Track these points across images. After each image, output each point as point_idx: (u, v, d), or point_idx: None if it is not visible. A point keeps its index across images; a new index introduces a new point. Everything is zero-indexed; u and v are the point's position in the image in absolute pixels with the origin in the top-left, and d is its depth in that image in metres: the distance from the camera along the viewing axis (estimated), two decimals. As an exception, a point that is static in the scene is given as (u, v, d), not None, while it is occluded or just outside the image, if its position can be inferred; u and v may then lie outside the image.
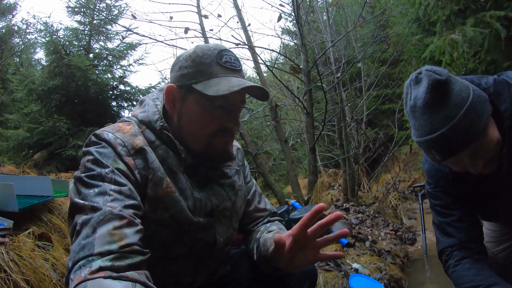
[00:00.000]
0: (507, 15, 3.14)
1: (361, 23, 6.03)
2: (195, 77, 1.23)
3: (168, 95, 1.27)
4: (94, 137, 1.17)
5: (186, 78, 1.24)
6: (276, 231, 1.45)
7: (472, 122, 1.25)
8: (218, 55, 1.24)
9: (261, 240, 1.40)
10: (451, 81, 1.27)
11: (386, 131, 8.57)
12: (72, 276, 0.89)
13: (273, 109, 5.74)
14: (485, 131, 1.27)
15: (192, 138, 1.27)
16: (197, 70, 1.23)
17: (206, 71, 1.23)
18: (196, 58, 1.24)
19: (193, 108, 1.24)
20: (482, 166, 1.34)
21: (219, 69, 1.23)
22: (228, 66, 1.25)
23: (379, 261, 3.60)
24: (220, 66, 1.24)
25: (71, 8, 8.01)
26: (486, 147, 1.30)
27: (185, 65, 1.25)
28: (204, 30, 6.14)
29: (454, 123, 1.23)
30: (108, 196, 1.03)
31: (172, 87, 1.26)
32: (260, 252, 1.37)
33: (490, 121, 1.31)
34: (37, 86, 7.09)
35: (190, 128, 1.26)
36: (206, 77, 1.22)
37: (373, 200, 6.62)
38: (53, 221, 2.55)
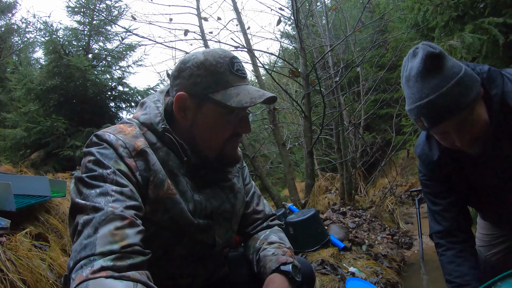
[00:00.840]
0: (506, 21, 3.15)
1: (360, 28, 6.05)
2: (211, 87, 1.23)
3: (179, 103, 1.25)
4: (95, 138, 1.17)
5: (200, 87, 1.23)
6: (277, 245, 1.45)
7: (460, 93, 1.31)
8: (230, 63, 1.25)
9: (261, 256, 1.41)
10: (445, 56, 1.34)
11: (383, 135, 8.59)
12: (74, 275, 0.89)
13: (271, 112, 5.75)
14: (472, 106, 1.33)
15: (207, 145, 1.28)
16: (213, 79, 1.23)
17: (222, 80, 1.23)
18: (210, 67, 1.23)
19: (210, 116, 1.25)
20: (468, 142, 1.39)
21: (234, 78, 1.25)
22: (240, 74, 1.26)
23: (376, 265, 3.61)
24: (233, 75, 1.25)
25: (71, 8, 8.00)
26: (473, 123, 1.35)
27: (197, 73, 1.23)
28: (203, 33, 6.17)
29: (443, 91, 1.30)
30: (110, 197, 1.03)
31: (184, 95, 1.24)
32: (260, 270, 1.38)
33: (479, 100, 1.37)
34: (35, 85, 7.07)
35: (205, 135, 1.27)
36: (223, 86, 1.23)
37: (370, 204, 6.63)
38: (50, 221, 2.54)
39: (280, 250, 1.41)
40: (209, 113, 1.25)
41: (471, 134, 1.37)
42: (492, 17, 3.24)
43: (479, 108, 1.36)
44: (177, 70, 1.28)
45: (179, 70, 1.27)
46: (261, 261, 1.39)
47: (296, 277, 1.31)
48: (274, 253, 1.39)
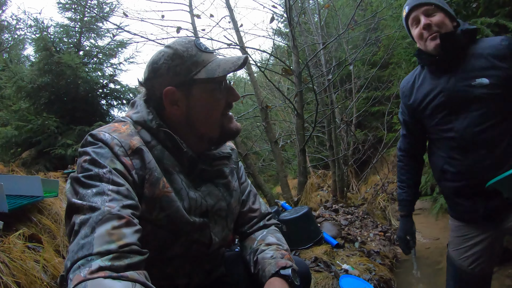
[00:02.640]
0: (498, 21, 3.17)
1: (352, 26, 6.06)
2: (192, 70, 1.26)
3: (169, 97, 1.26)
4: (91, 137, 1.17)
5: (183, 75, 1.26)
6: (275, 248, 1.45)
7: (442, 3, 1.85)
8: (197, 44, 1.30)
9: (259, 258, 1.42)
10: None
11: (375, 133, 8.64)
12: (71, 275, 0.89)
13: (264, 110, 5.75)
14: (441, 9, 1.84)
15: (207, 125, 1.32)
16: (191, 63, 1.27)
17: (198, 61, 1.27)
18: (184, 53, 1.27)
19: (202, 96, 1.28)
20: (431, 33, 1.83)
21: (207, 55, 1.30)
22: (209, 51, 1.32)
23: (369, 262, 3.64)
24: (205, 53, 1.30)
25: (62, 5, 7.89)
26: (438, 17, 1.82)
27: (174, 64, 1.26)
28: (196, 30, 6.14)
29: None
30: (106, 196, 1.03)
31: (171, 89, 1.25)
32: (259, 273, 1.39)
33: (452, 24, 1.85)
34: (26, 83, 6.99)
35: (203, 116, 1.30)
36: (201, 65, 1.27)
37: (362, 201, 6.67)
38: (43, 221, 2.53)
39: (278, 253, 1.41)
40: (200, 94, 1.28)
41: (434, 23, 1.81)
42: (484, 17, 3.26)
43: (447, 20, 1.83)
44: (152, 72, 1.29)
45: (153, 70, 1.29)
46: (259, 263, 1.40)
47: (295, 281, 1.32)
48: (273, 256, 1.39)
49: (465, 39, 1.80)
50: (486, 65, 1.73)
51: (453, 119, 1.84)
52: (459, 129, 1.81)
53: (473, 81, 1.74)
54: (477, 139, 1.76)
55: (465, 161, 1.83)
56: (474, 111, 1.76)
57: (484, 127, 1.74)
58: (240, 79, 12.05)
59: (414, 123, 2.11)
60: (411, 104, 2.05)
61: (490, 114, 1.73)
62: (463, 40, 1.80)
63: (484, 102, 1.73)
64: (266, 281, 1.31)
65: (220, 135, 1.34)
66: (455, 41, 1.80)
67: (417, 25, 1.89)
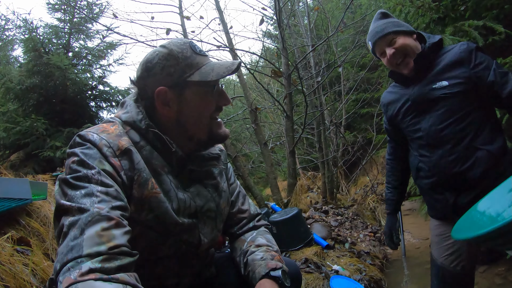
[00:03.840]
0: (485, 24, 3.21)
1: (341, 29, 6.10)
2: (186, 72, 1.27)
3: (161, 97, 1.27)
4: (79, 138, 1.17)
5: (177, 76, 1.27)
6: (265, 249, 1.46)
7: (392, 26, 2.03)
8: (192, 46, 1.31)
9: (249, 260, 1.43)
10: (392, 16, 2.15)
11: (364, 134, 8.67)
12: (61, 278, 0.88)
13: (253, 112, 5.76)
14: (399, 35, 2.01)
15: (197, 127, 1.32)
16: (185, 64, 1.27)
17: (193, 63, 1.28)
18: (178, 55, 1.27)
19: (193, 98, 1.29)
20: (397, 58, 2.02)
21: (201, 58, 1.31)
22: (203, 54, 1.33)
23: (359, 262, 3.67)
24: (199, 55, 1.31)
25: (51, 5, 7.80)
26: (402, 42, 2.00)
27: (168, 64, 1.26)
28: (185, 32, 6.14)
29: (381, 24, 2.07)
30: (95, 198, 1.03)
31: (163, 89, 1.26)
32: (249, 274, 1.40)
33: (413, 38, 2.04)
34: (14, 84, 6.91)
35: (193, 118, 1.31)
36: (196, 68, 1.28)
37: (351, 202, 6.71)
38: (32, 224, 2.52)
39: (268, 254, 1.42)
40: (191, 96, 1.29)
41: (398, 49, 1.99)
42: (472, 20, 3.30)
43: (407, 39, 2.01)
44: (145, 70, 1.29)
45: (146, 69, 1.29)
46: (250, 265, 1.40)
47: (285, 282, 1.33)
48: (263, 258, 1.40)
49: (432, 53, 2.01)
50: (446, 70, 1.93)
51: (420, 120, 2.04)
52: (425, 128, 2.01)
53: (434, 85, 1.95)
54: (441, 136, 1.94)
55: (433, 157, 2.01)
56: (437, 110, 1.95)
57: (447, 124, 1.92)
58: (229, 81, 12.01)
59: (394, 130, 2.30)
60: (389, 115, 2.26)
61: (451, 112, 1.91)
62: (431, 55, 2.00)
63: (445, 101, 1.92)
64: (256, 282, 1.32)
65: (208, 138, 1.35)
66: (425, 60, 2.00)
67: (384, 56, 2.09)
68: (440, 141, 1.96)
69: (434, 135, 1.97)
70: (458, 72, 1.89)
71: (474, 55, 1.89)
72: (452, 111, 1.91)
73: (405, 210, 4.62)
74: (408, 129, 2.13)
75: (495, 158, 1.86)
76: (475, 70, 1.87)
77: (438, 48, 2.02)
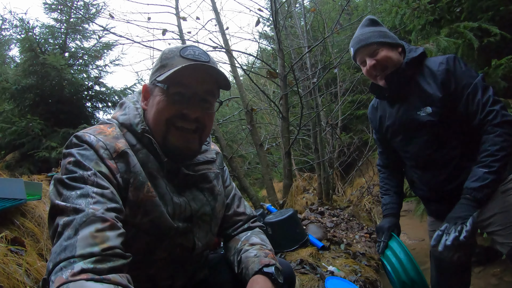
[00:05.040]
0: (481, 26, 3.23)
1: (338, 30, 6.11)
2: (159, 71, 1.29)
3: (144, 93, 1.34)
4: (75, 139, 1.17)
5: (154, 75, 1.30)
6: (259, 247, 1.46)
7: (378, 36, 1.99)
8: (182, 50, 1.29)
9: (243, 257, 1.43)
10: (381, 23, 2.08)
11: (360, 136, 8.70)
12: (53, 277, 0.89)
13: (249, 113, 5.76)
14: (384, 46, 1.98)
15: (153, 125, 1.28)
16: (162, 65, 1.30)
17: (168, 64, 1.28)
18: (162, 56, 1.31)
19: (155, 98, 1.27)
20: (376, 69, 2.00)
21: (181, 60, 1.26)
22: (190, 57, 1.27)
23: (354, 263, 3.67)
24: (182, 58, 1.27)
25: (48, 5, 7.81)
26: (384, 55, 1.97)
27: (155, 64, 1.32)
28: (182, 32, 6.13)
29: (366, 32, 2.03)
30: (91, 199, 1.03)
31: (145, 86, 1.33)
32: (242, 271, 1.40)
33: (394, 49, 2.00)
34: (10, 84, 6.91)
35: (152, 115, 1.28)
36: (168, 68, 1.26)
37: (347, 203, 6.71)
38: (26, 224, 2.51)
39: (262, 252, 1.43)
40: (156, 94, 1.28)
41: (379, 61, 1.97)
42: (467, 22, 3.32)
43: (390, 52, 1.98)
44: None
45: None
46: (243, 262, 1.41)
47: (278, 278, 1.33)
48: (256, 255, 1.40)
49: (410, 71, 1.99)
50: (429, 93, 1.93)
51: (407, 143, 2.09)
52: (413, 153, 2.08)
53: (419, 111, 1.96)
54: (429, 160, 2.02)
55: (424, 176, 2.10)
56: (423, 136, 1.99)
57: (433, 149, 1.98)
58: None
59: (384, 142, 2.33)
60: (377, 128, 2.31)
61: (437, 137, 1.96)
62: (408, 72, 1.99)
63: (431, 128, 1.95)
64: (249, 278, 1.32)
65: (164, 145, 1.28)
66: (399, 77, 1.99)
67: (365, 65, 2.06)
68: (428, 165, 2.04)
69: (422, 160, 2.05)
70: (441, 97, 1.90)
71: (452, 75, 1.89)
72: (438, 136, 1.96)
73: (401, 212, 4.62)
74: (399, 148, 2.20)
75: None
76: (455, 94, 1.89)
77: (418, 64, 2.01)
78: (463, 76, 1.88)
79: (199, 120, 1.29)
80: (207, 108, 1.32)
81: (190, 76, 1.25)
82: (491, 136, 1.79)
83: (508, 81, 3.16)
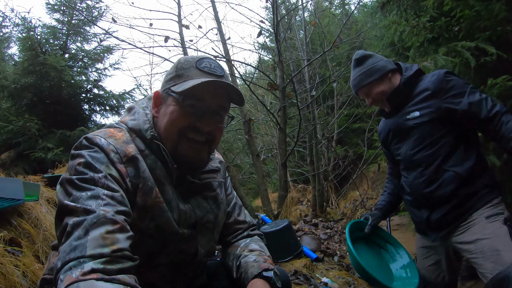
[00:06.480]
0: (478, 45, 3.27)
1: (337, 44, 6.18)
2: (174, 81, 1.30)
3: (155, 100, 1.34)
4: (86, 141, 1.18)
5: (168, 83, 1.31)
6: (258, 253, 1.48)
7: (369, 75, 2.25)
8: (198, 61, 1.31)
9: (242, 262, 1.44)
10: (368, 57, 2.31)
11: (355, 149, 8.74)
12: (62, 276, 0.89)
13: (247, 123, 5.79)
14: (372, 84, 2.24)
15: (164, 134, 1.29)
16: (177, 74, 1.31)
17: (184, 75, 1.29)
18: (178, 65, 1.32)
19: (168, 108, 1.28)
20: (375, 102, 2.31)
21: (197, 73, 1.28)
22: (206, 71, 1.29)
23: (348, 275, 3.68)
24: (198, 70, 1.29)
25: (51, 5, 7.81)
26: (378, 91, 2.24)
27: (169, 72, 1.34)
28: (183, 40, 6.18)
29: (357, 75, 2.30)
30: (101, 200, 1.03)
31: (157, 92, 1.34)
32: (241, 276, 1.41)
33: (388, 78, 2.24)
34: (9, 83, 6.86)
35: (164, 124, 1.29)
36: (184, 79, 1.28)
37: (341, 216, 6.73)
38: (23, 225, 2.49)
39: (261, 257, 1.44)
40: (169, 103, 1.29)
41: (375, 97, 2.27)
42: (465, 41, 3.36)
43: (381, 86, 2.24)
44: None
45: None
46: (242, 267, 1.42)
47: (277, 283, 1.35)
48: (256, 260, 1.42)
49: (408, 89, 2.21)
50: (419, 101, 2.14)
51: (400, 146, 2.29)
52: (402, 153, 2.27)
53: (408, 115, 2.17)
54: (413, 160, 2.18)
55: (409, 178, 2.25)
56: (410, 137, 2.19)
57: (418, 149, 2.15)
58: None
59: (389, 153, 2.52)
60: (382, 141, 2.50)
61: (422, 139, 2.13)
62: (406, 90, 2.21)
63: (417, 130, 2.14)
64: (248, 282, 1.33)
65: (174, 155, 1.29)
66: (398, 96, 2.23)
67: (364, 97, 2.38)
68: (413, 165, 2.20)
69: (408, 159, 2.22)
70: (429, 103, 2.09)
71: (445, 84, 2.06)
72: (423, 138, 2.13)
73: (393, 225, 4.64)
74: (394, 153, 2.40)
75: (463, 179, 2.01)
76: (446, 100, 2.04)
77: (416, 80, 2.21)
78: (456, 83, 2.05)
79: (210, 133, 1.31)
80: (219, 122, 1.34)
81: (206, 89, 1.27)
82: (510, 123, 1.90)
83: (503, 99, 3.20)
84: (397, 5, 4.51)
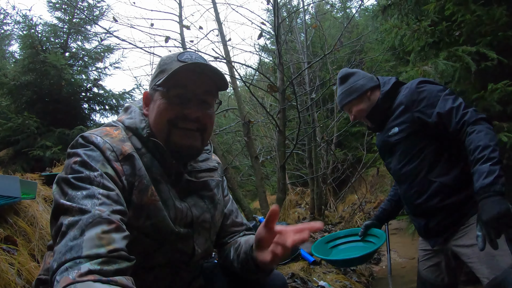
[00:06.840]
0: (478, 50, 3.28)
1: (338, 47, 6.17)
2: (159, 77, 1.30)
3: (144, 100, 1.37)
4: (82, 139, 1.17)
5: (153, 81, 1.33)
6: None
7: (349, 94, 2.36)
8: (179, 55, 1.32)
9: (242, 240, 1.46)
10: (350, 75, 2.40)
11: (354, 153, 8.75)
12: (58, 277, 0.88)
13: (246, 125, 5.78)
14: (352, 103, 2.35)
15: (155, 128, 1.30)
16: (161, 70, 1.32)
17: (167, 69, 1.30)
18: (161, 62, 1.34)
19: (156, 101, 1.30)
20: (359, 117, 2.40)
21: (178, 64, 1.28)
22: (187, 61, 1.29)
23: (345, 279, 3.69)
24: (179, 62, 1.29)
25: (52, 4, 7.81)
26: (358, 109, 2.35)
27: (154, 71, 1.36)
28: (184, 41, 6.17)
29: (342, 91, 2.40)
30: (97, 200, 1.02)
31: (145, 92, 1.36)
32: (241, 256, 1.39)
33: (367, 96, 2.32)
34: (9, 80, 6.86)
35: (153, 118, 1.30)
36: (166, 73, 1.28)
37: (339, 219, 6.73)
38: (19, 223, 2.48)
39: None
40: (156, 99, 1.30)
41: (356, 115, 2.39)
42: (466, 46, 3.37)
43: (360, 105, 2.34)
44: None
45: None
46: (242, 245, 1.42)
47: None
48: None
49: (386, 104, 2.28)
50: (397, 116, 2.21)
51: (390, 161, 2.35)
52: (392, 168, 2.34)
53: (389, 132, 2.24)
54: (401, 174, 2.25)
55: (401, 190, 2.34)
56: (396, 153, 2.26)
57: (403, 164, 2.22)
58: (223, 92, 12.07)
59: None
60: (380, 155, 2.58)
61: (405, 153, 2.19)
62: (384, 105, 2.28)
63: (399, 145, 2.21)
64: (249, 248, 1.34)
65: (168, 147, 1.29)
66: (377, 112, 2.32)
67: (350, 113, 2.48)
68: (401, 179, 2.27)
69: (397, 174, 2.29)
70: (405, 118, 2.16)
71: (416, 95, 2.10)
72: (406, 153, 2.19)
73: (392, 230, 4.64)
74: (387, 168, 2.47)
75: (450, 188, 2.04)
76: (418, 112, 2.08)
77: (394, 93, 2.28)
78: (428, 94, 2.07)
79: (200, 120, 1.31)
80: (207, 108, 1.34)
81: (189, 77, 1.28)
82: (473, 135, 1.86)
83: (503, 105, 3.21)
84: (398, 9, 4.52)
